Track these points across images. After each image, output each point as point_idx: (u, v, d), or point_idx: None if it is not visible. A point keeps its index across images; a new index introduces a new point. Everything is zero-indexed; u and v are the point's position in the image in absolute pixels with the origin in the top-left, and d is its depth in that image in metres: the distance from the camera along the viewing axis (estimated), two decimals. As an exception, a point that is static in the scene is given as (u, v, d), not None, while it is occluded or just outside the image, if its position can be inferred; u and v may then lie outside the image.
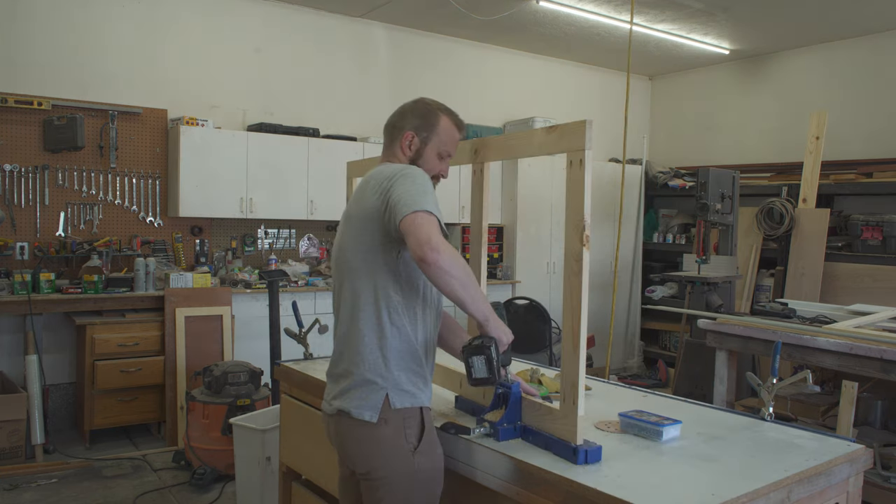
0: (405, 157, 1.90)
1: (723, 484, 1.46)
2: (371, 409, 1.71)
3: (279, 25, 5.64)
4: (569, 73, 7.44)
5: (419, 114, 1.93)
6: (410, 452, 1.71)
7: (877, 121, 6.07)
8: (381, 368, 1.72)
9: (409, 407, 1.73)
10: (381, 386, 1.71)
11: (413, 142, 1.90)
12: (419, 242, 1.59)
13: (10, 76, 4.57)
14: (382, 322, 1.73)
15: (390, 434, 1.71)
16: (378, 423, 1.70)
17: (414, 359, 1.76)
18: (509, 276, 6.35)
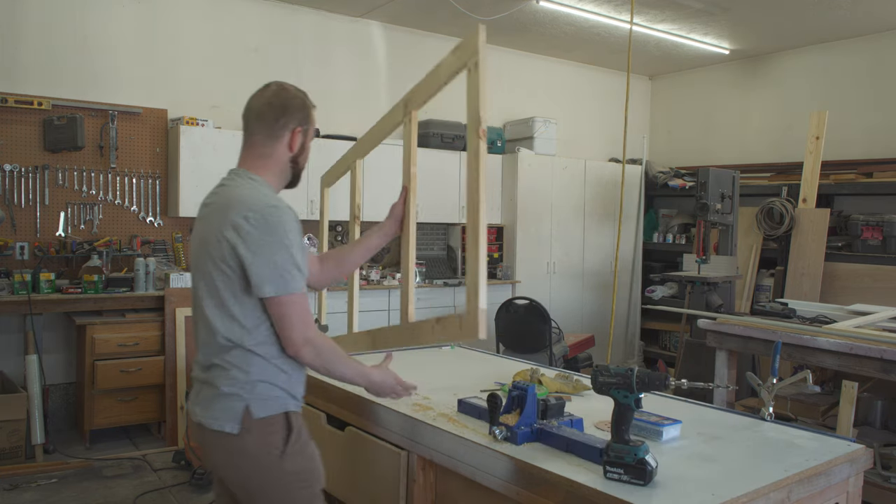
0: (289, 153, 1.82)
1: (723, 484, 1.46)
2: (232, 420, 1.68)
3: (279, 25, 5.65)
4: (569, 73, 7.44)
5: (300, 106, 1.84)
6: (278, 457, 1.70)
7: (876, 121, 6.07)
8: (243, 380, 1.69)
9: (272, 415, 1.70)
10: (241, 398, 1.69)
11: (297, 138, 1.82)
12: (293, 341, 1.67)
13: (10, 76, 4.57)
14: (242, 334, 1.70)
15: (253, 444, 1.68)
16: (240, 434, 1.68)
17: (275, 367, 1.72)
18: (509, 276, 6.35)
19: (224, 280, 1.68)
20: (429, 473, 1.90)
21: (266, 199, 1.69)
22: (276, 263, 1.63)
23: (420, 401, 2.09)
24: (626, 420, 1.53)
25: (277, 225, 1.65)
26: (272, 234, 1.64)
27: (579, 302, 6.82)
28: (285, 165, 1.83)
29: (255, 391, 1.69)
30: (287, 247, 1.65)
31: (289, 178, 1.87)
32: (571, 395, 2.15)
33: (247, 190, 1.72)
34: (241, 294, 1.68)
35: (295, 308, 1.66)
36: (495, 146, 6.47)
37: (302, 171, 1.89)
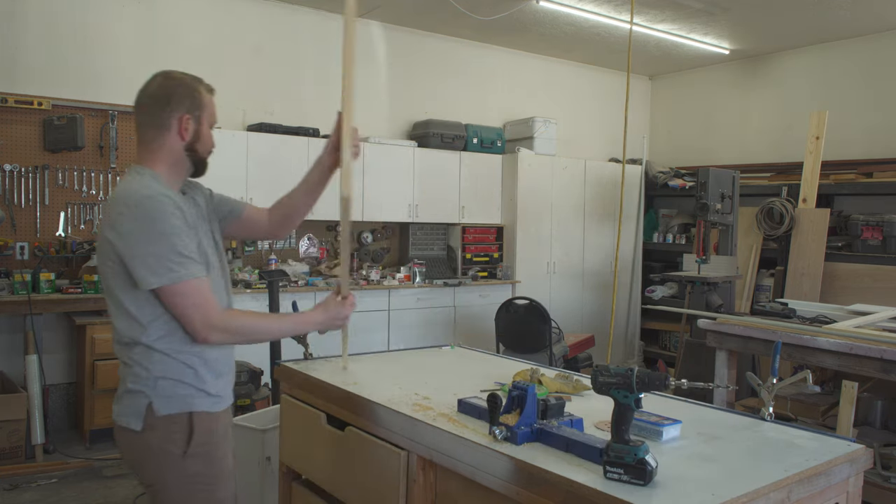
0: (182, 142, 1.77)
1: (723, 484, 1.46)
2: (135, 417, 1.69)
3: (279, 25, 5.65)
4: (569, 73, 7.44)
5: (186, 93, 1.77)
6: (179, 457, 1.69)
7: (876, 121, 6.07)
8: (146, 378, 1.69)
9: (176, 413, 1.70)
10: (144, 395, 1.69)
11: (190, 125, 1.76)
12: (195, 331, 1.66)
13: (10, 76, 4.57)
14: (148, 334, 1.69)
15: (154, 441, 1.69)
16: (142, 431, 1.68)
17: (182, 365, 1.71)
18: (509, 276, 6.35)
19: (115, 278, 1.68)
20: (429, 473, 1.90)
21: (142, 190, 1.66)
22: (156, 254, 1.61)
23: (420, 401, 2.09)
24: (627, 420, 1.53)
25: (153, 215, 1.62)
26: (148, 225, 1.62)
27: (579, 302, 6.82)
28: (180, 155, 1.78)
29: (158, 388, 1.69)
30: (166, 235, 1.62)
31: (189, 167, 1.82)
32: (571, 395, 2.15)
33: (127, 184, 1.70)
34: (132, 290, 1.66)
35: (187, 297, 1.63)
36: (495, 146, 6.47)
37: (205, 158, 1.84)
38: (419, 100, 6.38)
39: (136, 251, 1.62)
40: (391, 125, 6.28)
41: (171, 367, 1.71)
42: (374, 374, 2.44)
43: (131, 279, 1.65)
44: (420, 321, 5.78)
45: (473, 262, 6.33)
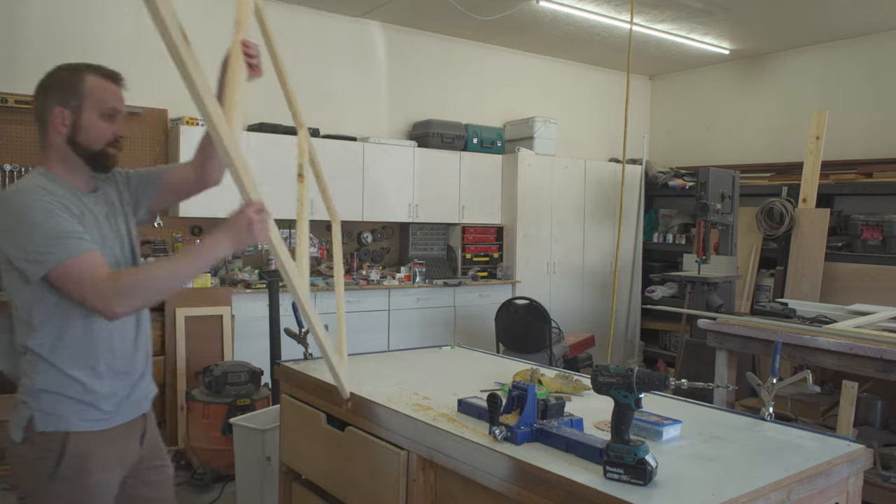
0: (61, 137, 1.68)
1: (723, 484, 1.46)
2: (18, 428, 1.66)
3: (279, 25, 5.64)
4: (569, 73, 7.44)
5: (58, 85, 1.71)
6: (48, 477, 1.64)
7: (877, 121, 6.07)
8: (30, 392, 1.65)
9: (53, 431, 1.64)
10: (27, 409, 1.65)
11: (65, 116, 1.68)
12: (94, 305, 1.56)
13: (10, 76, 4.57)
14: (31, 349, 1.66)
15: (29, 455, 1.65)
16: (20, 443, 1.65)
17: (65, 374, 1.66)
18: (509, 276, 6.36)
19: (7, 281, 1.63)
20: (429, 473, 1.90)
21: (15, 188, 1.62)
22: (34, 244, 1.55)
23: (420, 401, 2.09)
24: (626, 420, 1.53)
25: (21, 209, 1.57)
26: (19, 218, 1.56)
27: (579, 302, 6.82)
28: (64, 149, 1.69)
29: (40, 402, 1.64)
30: (37, 224, 1.55)
31: (83, 161, 1.72)
32: (571, 395, 2.15)
33: (12, 185, 1.66)
34: (21, 291, 1.63)
35: (70, 275, 1.55)
36: (495, 146, 6.48)
37: (99, 151, 1.72)
38: (419, 100, 6.38)
39: (16, 247, 1.57)
40: (391, 125, 6.28)
41: (56, 379, 1.65)
42: (374, 374, 2.44)
43: (20, 279, 1.60)
44: (420, 321, 5.78)
45: (473, 262, 6.33)
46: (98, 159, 1.73)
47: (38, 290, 1.61)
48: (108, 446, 1.71)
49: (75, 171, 1.72)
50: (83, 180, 1.74)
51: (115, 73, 1.79)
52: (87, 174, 1.75)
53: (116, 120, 1.75)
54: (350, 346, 2.44)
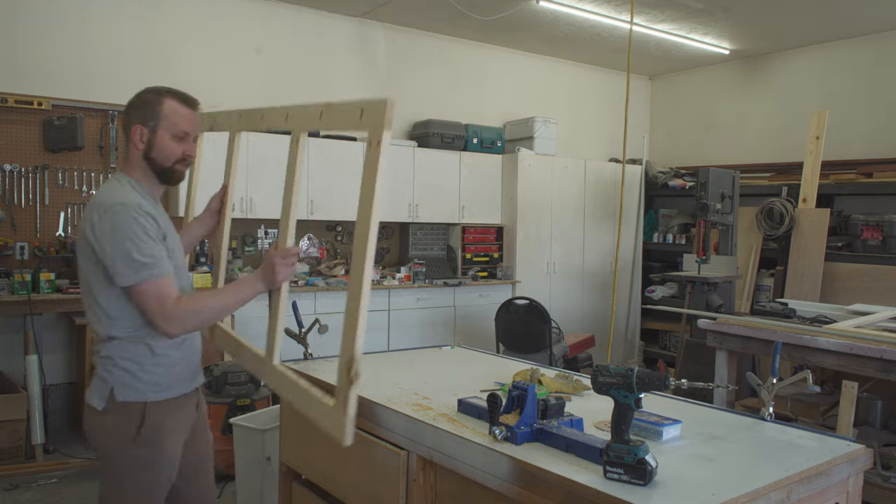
0: (139, 152, 1.93)
1: (723, 484, 1.46)
2: (99, 398, 1.87)
3: (279, 25, 5.65)
4: (569, 73, 7.44)
5: (139, 105, 1.94)
6: (130, 441, 1.87)
7: (877, 121, 6.07)
8: (112, 364, 1.87)
9: (133, 402, 1.87)
10: (108, 380, 1.87)
11: (143, 133, 1.92)
12: (156, 325, 1.82)
13: (10, 76, 4.57)
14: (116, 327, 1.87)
15: (111, 423, 1.88)
16: (102, 411, 1.87)
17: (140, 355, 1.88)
18: (509, 276, 6.36)
19: (92, 275, 1.85)
20: (429, 473, 1.90)
21: (117, 197, 1.84)
22: (125, 256, 1.78)
23: (420, 401, 2.09)
24: (626, 420, 1.53)
25: (123, 222, 1.79)
26: (119, 230, 1.78)
27: (579, 302, 6.82)
28: (142, 163, 1.94)
29: (120, 375, 1.87)
30: (132, 240, 1.78)
31: (155, 175, 1.96)
32: (571, 395, 2.15)
33: (106, 190, 1.89)
34: (106, 287, 1.84)
35: (148, 296, 1.80)
36: (495, 146, 6.47)
37: (168, 168, 1.95)
38: (419, 100, 6.38)
39: (110, 252, 1.79)
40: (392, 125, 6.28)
41: (134, 356, 1.88)
42: (374, 374, 2.44)
43: (107, 277, 1.83)
44: (420, 321, 5.78)
45: (473, 262, 6.33)
46: (167, 174, 1.97)
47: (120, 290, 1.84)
48: (177, 413, 1.97)
49: (150, 182, 1.97)
50: (156, 190, 2.01)
51: (192, 100, 2.00)
52: (158, 185, 2.00)
53: (186, 141, 1.97)
54: (350, 346, 2.44)
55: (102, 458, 1.94)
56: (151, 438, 1.89)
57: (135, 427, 1.87)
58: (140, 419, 1.88)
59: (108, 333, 1.88)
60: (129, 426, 1.87)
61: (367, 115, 1.57)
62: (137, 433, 1.87)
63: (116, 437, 1.88)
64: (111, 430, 1.89)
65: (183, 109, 1.96)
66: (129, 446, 1.87)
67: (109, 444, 1.90)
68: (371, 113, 1.55)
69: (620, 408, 1.55)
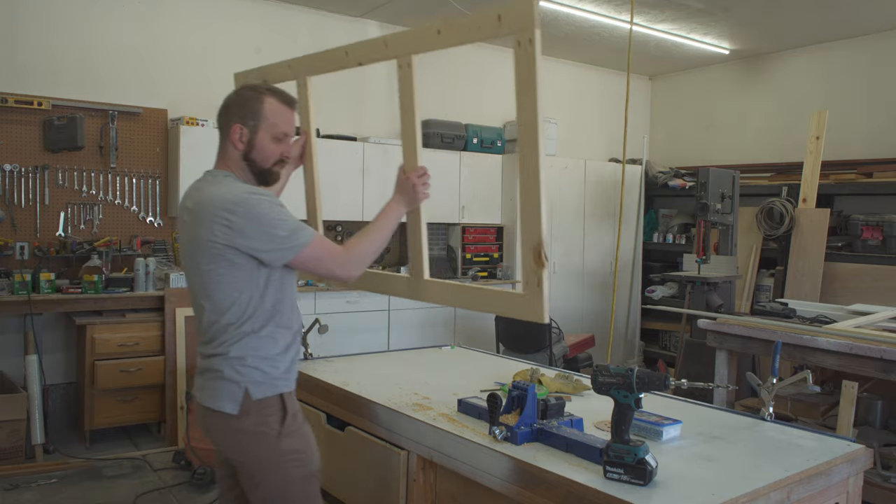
0: (238, 152, 1.87)
1: (723, 484, 1.46)
2: (232, 401, 1.78)
3: (279, 25, 5.64)
4: (569, 73, 7.44)
5: (240, 103, 1.88)
6: (275, 437, 1.79)
7: (877, 121, 6.07)
8: (241, 365, 1.79)
9: (269, 396, 1.80)
10: (240, 381, 1.78)
11: (243, 133, 1.85)
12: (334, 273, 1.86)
13: (10, 76, 4.57)
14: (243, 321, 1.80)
15: (252, 424, 1.79)
16: (239, 415, 1.78)
17: (270, 349, 1.82)
18: (509, 276, 6.35)
19: (219, 272, 1.77)
20: (429, 473, 1.90)
21: (242, 189, 1.79)
22: (276, 237, 1.74)
23: (420, 401, 2.09)
24: (626, 420, 1.53)
25: (258, 206, 1.74)
26: (261, 217, 1.73)
27: (579, 302, 6.82)
28: (241, 163, 1.88)
29: (252, 373, 1.79)
30: (275, 220, 1.74)
31: (253, 176, 1.90)
32: (571, 395, 2.15)
33: (217, 188, 1.80)
34: (244, 281, 1.77)
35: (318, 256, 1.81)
36: (495, 146, 6.47)
37: (267, 170, 1.91)
38: (419, 100, 6.36)
39: (260, 241, 1.74)
40: (391, 125, 6.28)
41: (264, 351, 1.81)
42: (374, 374, 2.44)
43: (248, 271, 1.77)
44: (420, 321, 5.78)
45: (473, 262, 6.33)
46: (265, 175, 1.92)
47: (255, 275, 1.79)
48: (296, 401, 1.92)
49: (248, 180, 1.90)
50: None
51: (292, 99, 1.95)
52: (255, 183, 1.92)
53: (285, 142, 1.92)
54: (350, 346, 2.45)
55: (251, 463, 1.82)
56: (295, 428, 1.84)
57: (278, 421, 1.81)
58: (281, 412, 1.82)
59: (241, 331, 1.80)
60: (273, 422, 1.80)
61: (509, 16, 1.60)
62: (281, 426, 1.81)
63: (262, 438, 1.80)
64: (254, 431, 1.79)
65: (283, 109, 1.90)
66: (277, 442, 1.80)
67: (257, 447, 1.80)
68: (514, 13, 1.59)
69: (620, 408, 1.55)
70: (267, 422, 1.79)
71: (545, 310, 1.65)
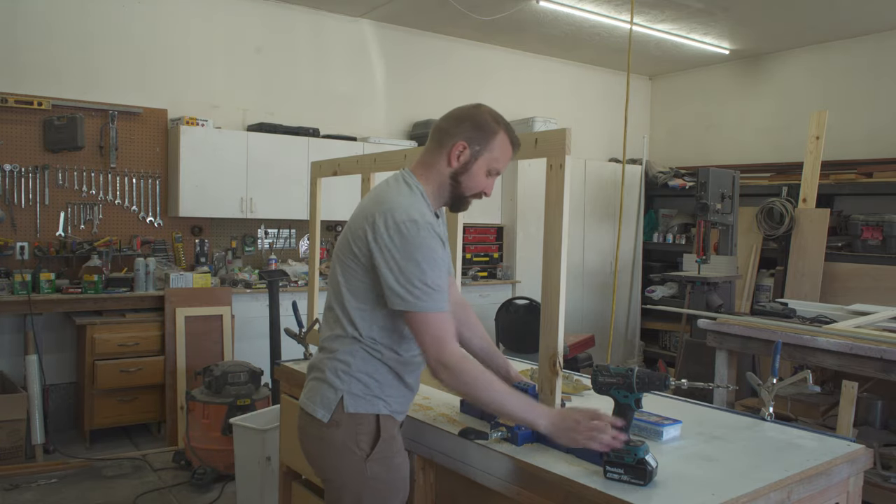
0: (449, 168, 1.75)
1: (723, 484, 1.46)
2: (325, 408, 1.70)
3: (279, 25, 5.64)
4: (569, 73, 7.44)
5: (476, 124, 1.78)
6: (362, 459, 1.68)
7: (877, 121, 6.07)
8: (349, 373, 1.70)
9: (364, 413, 1.69)
10: (339, 389, 1.69)
11: (463, 153, 1.74)
12: (429, 357, 1.61)
13: (10, 76, 4.57)
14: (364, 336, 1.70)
15: (339, 437, 1.69)
16: (328, 423, 1.69)
17: (384, 369, 1.72)
18: (509, 276, 6.35)
19: (354, 273, 1.69)
20: (429, 473, 1.90)
21: (411, 210, 1.64)
22: (407, 279, 1.60)
23: (420, 401, 2.09)
24: (627, 420, 1.53)
25: (414, 241, 1.60)
26: (407, 248, 1.60)
27: (579, 302, 6.82)
28: (445, 179, 1.76)
29: (354, 384, 1.69)
30: (420, 264, 1.60)
31: (448, 197, 1.78)
32: (571, 395, 2.15)
33: (395, 192, 1.70)
34: (363, 292, 1.69)
35: (426, 327, 1.61)
36: (495, 146, 6.47)
37: (465, 197, 1.79)
38: (419, 100, 6.38)
39: (388, 269, 1.61)
40: (391, 125, 6.28)
41: (374, 368, 1.71)
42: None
43: (370, 282, 1.67)
44: (420, 321, 5.77)
45: (473, 262, 6.33)
46: (460, 202, 1.81)
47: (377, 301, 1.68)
48: (399, 434, 1.79)
49: (439, 199, 1.79)
50: (438, 205, 1.81)
51: (518, 141, 1.83)
52: (442, 203, 1.82)
53: (492, 179, 1.80)
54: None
55: (328, 478, 1.74)
56: (388, 453, 1.72)
57: (369, 441, 1.69)
58: (375, 432, 1.70)
59: (350, 334, 1.71)
60: (364, 440, 1.69)
61: (544, 142, 1.81)
62: (372, 448, 1.69)
63: (349, 454, 1.69)
64: (342, 446, 1.69)
65: (508, 149, 1.79)
66: (364, 463, 1.68)
67: (342, 464, 1.70)
68: (549, 140, 1.80)
69: (621, 408, 1.55)
70: (359, 437, 1.69)
71: None
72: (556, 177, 1.74)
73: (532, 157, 1.78)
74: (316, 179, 2.82)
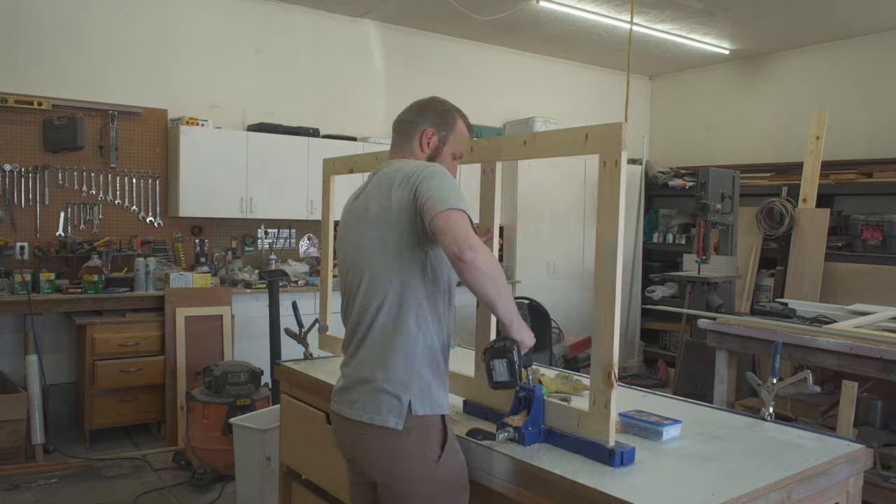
0: (423, 154, 1.87)
1: (723, 484, 1.46)
2: (396, 416, 1.65)
3: (279, 25, 5.64)
4: (569, 73, 7.43)
5: (438, 112, 1.92)
6: (434, 462, 1.65)
7: (877, 121, 6.07)
8: (406, 375, 1.67)
9: (431, 415, 1.68)
10: (404, 393, 1.66)
11: (432, 139, 1.88)
12: (456, 240, 1.55)
13: (10, 76, 4.57)
14: (409, 327, 1.69)
15: (413, 443, 1.65)
16: (402, 431, 1.65)
17: (436, 364, 1.72)
18: (509, 276, 6.35)
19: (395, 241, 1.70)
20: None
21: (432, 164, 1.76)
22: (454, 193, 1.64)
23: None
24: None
25: (445, 171, 1.71)
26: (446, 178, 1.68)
27: (579, 302, 6.82)
28: None
29: (418, 384, 1.68)
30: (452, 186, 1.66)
31: None
32: (571, 396, 2.15)
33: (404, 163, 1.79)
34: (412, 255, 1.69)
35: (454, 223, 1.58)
36: (495, 146, 6.46)
37: None
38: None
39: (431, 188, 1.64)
40: (391, 125, 6.27)
41: (433, 361, 1.71)
42: (374, 374, 2.43)
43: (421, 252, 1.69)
44: (420, 321, 5.77)
45: (473, 262, 6.32)
46: None
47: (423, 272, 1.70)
48: None
49: None
50: None
51: (471, 127, 1.99)
52: None
53: (455, 163, 1.94)
54: (350, 346, 2.43)
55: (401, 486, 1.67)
56: (453, 453, 1.70)
57: (438, 445, 1.66)
58: (442, 435, 1.68)
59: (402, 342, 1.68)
60: (434, 445, 1.66)
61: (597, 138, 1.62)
62: (441, 452, 1.66)
63: (422, 461, 1.65)
64: (414, 453, 1.65)
65: (468, 135, 1.95)
66: (435, 469, 1.65)
67: (416, 472, 1.65)
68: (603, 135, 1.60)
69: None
70: (429, 442, 1.66)
71: (611, 432, 1.60)
72: (610, 175, 1.59)
73: (583, 154, 1.68)
74: (329, 177, 2.80)
